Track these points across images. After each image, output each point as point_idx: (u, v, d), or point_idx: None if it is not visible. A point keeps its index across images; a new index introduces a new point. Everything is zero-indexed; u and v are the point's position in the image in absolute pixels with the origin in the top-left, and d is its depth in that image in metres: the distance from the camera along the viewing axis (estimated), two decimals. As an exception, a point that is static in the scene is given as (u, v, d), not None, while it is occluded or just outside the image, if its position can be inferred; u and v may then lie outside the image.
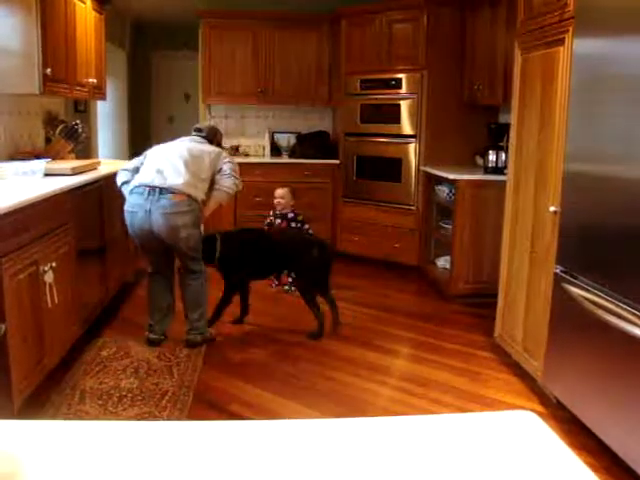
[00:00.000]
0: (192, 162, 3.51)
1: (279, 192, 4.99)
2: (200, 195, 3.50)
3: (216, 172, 3.59)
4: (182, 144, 3.66)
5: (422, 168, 5.33)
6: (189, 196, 3.42)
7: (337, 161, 5.98)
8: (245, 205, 5.87)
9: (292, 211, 4.98)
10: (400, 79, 5.40)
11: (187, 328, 3.70)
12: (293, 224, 4.95)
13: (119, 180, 3.65)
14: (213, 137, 3.82)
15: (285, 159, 6.23)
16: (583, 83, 2.70)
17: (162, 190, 3.38)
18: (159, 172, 3.45)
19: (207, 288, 3.74)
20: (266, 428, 0.88)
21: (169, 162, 3.49)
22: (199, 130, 3.82)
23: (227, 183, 3.59)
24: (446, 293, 4.83)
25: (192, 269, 3.65)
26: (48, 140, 4.63)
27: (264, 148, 6.48)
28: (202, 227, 3.74)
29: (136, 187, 3.46)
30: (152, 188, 3.40)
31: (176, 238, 3.47)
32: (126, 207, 3.52)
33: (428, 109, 5.28)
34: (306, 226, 4.97)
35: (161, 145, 3.72)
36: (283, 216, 4.96)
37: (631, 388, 2.30)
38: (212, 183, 3.61)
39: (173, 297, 3.81)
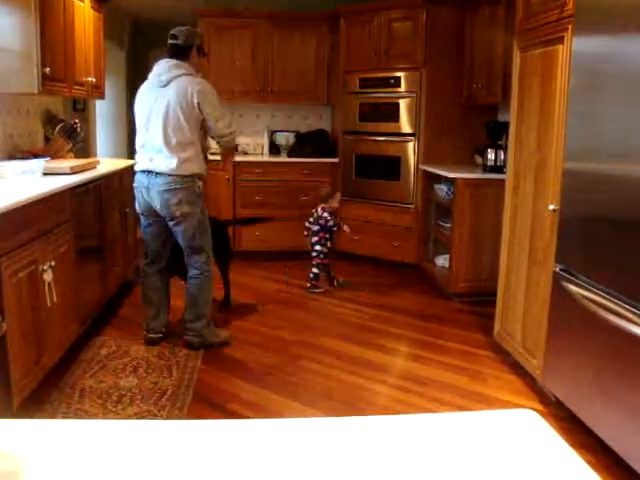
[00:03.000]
0: (173, 133, 3.38)
1: (339, 197, 5.11)
2: (192, 168, 3.44)
3: (202, 121, 3.45)
4: (158, 102, 3.41)
5: (421, 167, 5.33)
6: (184, 176, 3.42)
7: (336, 160, 5.97)
8: (244, 204, 5.87)
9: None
10: (399, 78, 5.40)
11: (184, 328, 3.69)
12: (335, 228, 5.02)
13: None
14: (191, 44, 3.51)
15: (284, 158, 6.22)
16: (582, 81, 2.70)
17: (157, 173, 3.44)
18: (151, 160, 3.44)
19: (210, 287, 3.68)
20: (266, 427, 0.88)
21: (154, 145, 3.42)
22: (174, 37, 3.49)
23: (222, 141, 3.59)
24: (445, 292, 4.83)
25: (192, 263, 3.60)
26: (47, 139, 4.63)
27: (263, 147, 6.48)
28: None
29: (138, 171, 3.53)
30: (149, 171, 3.45)
31: (173, 217, 3.45)
32: (133, 183, 3.60)
33: (427, 108, 5.28)
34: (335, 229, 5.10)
35: (140, 109, 3.52)
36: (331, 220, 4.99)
37: (630, 386, 2.31)
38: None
39: (167, 291, 3.79)
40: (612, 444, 2.43)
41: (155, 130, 3.42)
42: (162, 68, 3.49)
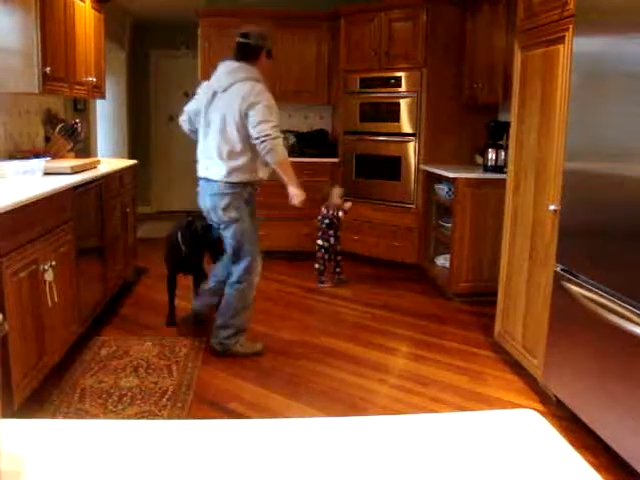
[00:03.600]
0: (226, 142, 3.38)
1: (339, 192, 5.08)
2: (241, 176, 3.41)
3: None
4: (215, 110, 3.42)
5: (421, 167, 5.33)
6: (232, 183, 3.42)
7: (336, 160, 5.97)
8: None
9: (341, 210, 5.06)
10: (399, 78, 5.40)
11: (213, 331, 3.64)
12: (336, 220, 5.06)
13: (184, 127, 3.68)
14: (262, 45, 3.46)
15: (285, 158, 6.21)
16: (583, 81, 2.70)
17: (210, 179, 3.48)
18: (207, 168, 3.49)
19: (245, 298, 3.58)
20: (266, 427, 0.87)
21: (208, 155, 3.46)
22: (245, 36, 3.43)
23: (268, 159, 3.36)
24: (446, 292, 4.83)
25: (234, 270, 3.56)
26: (47, 139, 4.63)
27: (264, 147, 6.47)
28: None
29: (199, 177, 3.59)
30: (206, 178, 3.51)
31: (221, 221, 3.48)
32: (198, 187, 3.64)
33: (427, 107, 5.28)
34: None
35: (200, 109, 3.49)
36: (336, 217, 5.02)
37: (631, 386, 2.30)
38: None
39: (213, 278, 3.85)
40: (613, 444, 2.42)
41: (210, 138, 3.45)
42: (225, 69, 3.45)
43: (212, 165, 3.45)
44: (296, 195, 3.50)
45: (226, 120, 3.37)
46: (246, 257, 3.53)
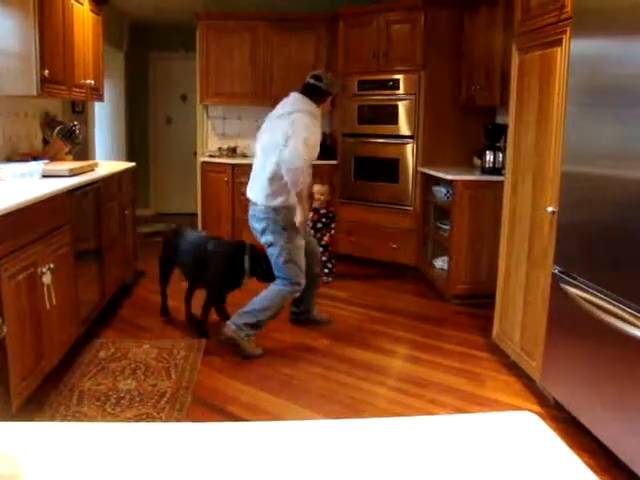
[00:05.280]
0: (270, 165, 3.53)
1: (319, 189, 5.12)
2: (280, 200, 3.54)
3: None
4: (268, 133, 3.64)
5: (420, 169, 5.33)
6: (268, 207, 3.58)
7: (335, 162, 5.98)
8: (244, 209, 5.85)
9: (325, 207, 5.13)
10: (398, 80, 5.40)
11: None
12: (323, 219, 5.07)
13: None
14: (331, 92, 3.73)
15: (283, 160, 6.21)
16: (581, 84, 2.71)
17: (252, 201, 3.71)
18: (250, 188, 3.72)
19: (279, 301, 3.66)
20: (265, 429, 0.88)
21: (255, 174, 3.69)
22: (318, 79, 3.73)
23: (287, 178, 3.46)
24: (444, 294, 4.83)
25: (277, 275, 3.69)
26: (46, 141, 4.63)
27: (262, 149, 6.47)
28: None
29: None
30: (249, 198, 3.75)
31: (261, 242, 3.67)
32: None
33: (425, 110, 5.29)
34: (332, 225, 5.15)
35: (259, 136, 3.76)
36: (316, 210, 5.04)
37: (629, 388, 2.31)
38: None
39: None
40: (611, 446, 2.43)
41: (259, 160, 3.67)
42: (287, 100, 3.72)
43: (254, 186, 3.65)
44: (299, 219, 3.60)
45: (272, 145, 3.53)
46: (283, 277, 3.64)
